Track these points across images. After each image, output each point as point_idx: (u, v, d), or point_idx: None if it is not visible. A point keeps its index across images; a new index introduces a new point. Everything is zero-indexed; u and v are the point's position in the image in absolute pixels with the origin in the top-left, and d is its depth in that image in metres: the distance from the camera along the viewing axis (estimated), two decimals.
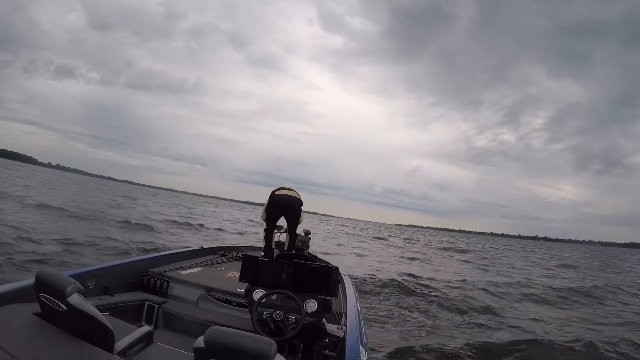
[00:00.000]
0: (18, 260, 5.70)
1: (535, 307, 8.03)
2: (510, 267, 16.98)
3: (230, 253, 4.49)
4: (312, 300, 2.47)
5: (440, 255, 20.36)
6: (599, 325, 6.71)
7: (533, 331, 5.82)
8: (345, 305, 3.01)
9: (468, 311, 6.77)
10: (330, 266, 2.68)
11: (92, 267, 2.82)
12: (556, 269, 17.87)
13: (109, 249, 7.94)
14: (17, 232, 7.81)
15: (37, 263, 5.74)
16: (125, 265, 3.13)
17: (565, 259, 26.57)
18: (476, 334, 5.55)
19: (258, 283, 2.61)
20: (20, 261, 5.70)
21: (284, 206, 4.73)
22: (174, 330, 2.64)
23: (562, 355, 4.75)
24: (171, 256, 3.77)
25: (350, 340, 2.13)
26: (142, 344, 1.76)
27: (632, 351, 5.12)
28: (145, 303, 2.75)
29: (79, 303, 1.45)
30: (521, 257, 25.52)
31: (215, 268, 3.83)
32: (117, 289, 2.80)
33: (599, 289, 10.70)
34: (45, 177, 50.01)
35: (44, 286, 1.51)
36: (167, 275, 3.20)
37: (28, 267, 5.42)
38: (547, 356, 4.68)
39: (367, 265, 11.79)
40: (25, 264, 5.62)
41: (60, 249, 7.07)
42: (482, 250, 29.95)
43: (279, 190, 4.64)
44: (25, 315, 1.58)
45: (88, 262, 6.19)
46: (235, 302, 2.96)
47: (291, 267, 2.60)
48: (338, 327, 2.59)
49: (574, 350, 4.89)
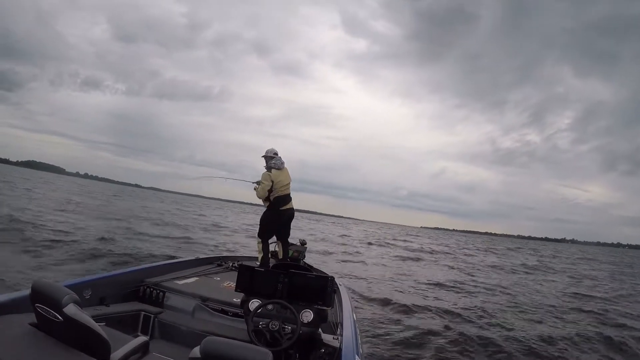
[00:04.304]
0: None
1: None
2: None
3: (226, 263, 4.48)
4: (308, 310, 2.48)
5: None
6: None
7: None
8: (341, 315, 3.02)
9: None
10: (326, 276, 2.70)
11: (88, 278, 2.81)
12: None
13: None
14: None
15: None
16: (121, 275, 3.12)
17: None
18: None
19: (254, 293, 2.62)
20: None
21: (287, 220, 4.78)
22: (169, 341, 2.63)
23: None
24: (167, 266, 3.76)
25: (346, 351, 2.14)
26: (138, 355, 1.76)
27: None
28: (141, 313, 2.74)
29: (75, 313, 1.45)
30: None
31: (211, 278, 3.82)
32: (113, 299, 2.79)
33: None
34: (111, 189, 51.17)
35: (40, 296, 1.51)
36: (163, 285, 3.20)
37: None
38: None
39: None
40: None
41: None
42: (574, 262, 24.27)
43: (286, 205, 4.68)
44: (21, 325, 1.58)
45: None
46: (231, 312, 2.96)
47: (287, 277, 2.61)
48: (334, 337, 2.59)
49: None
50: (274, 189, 4.53)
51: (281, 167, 4.66)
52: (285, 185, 4.65)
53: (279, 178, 4.57)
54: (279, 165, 4.63)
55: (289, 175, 4.74)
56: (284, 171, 4.69)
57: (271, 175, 4.52)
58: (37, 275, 5.64)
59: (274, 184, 4.51)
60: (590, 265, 24.55)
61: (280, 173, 4.61)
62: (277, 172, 4.57)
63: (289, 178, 4.74)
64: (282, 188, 4.61)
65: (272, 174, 4.54)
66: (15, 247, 7.58)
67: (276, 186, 4.53)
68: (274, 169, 4.59)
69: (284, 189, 4.63)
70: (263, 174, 4.60)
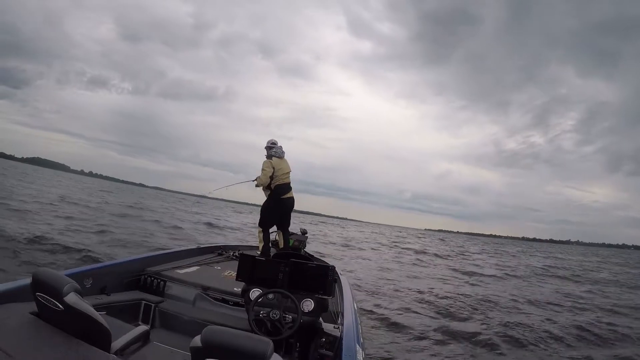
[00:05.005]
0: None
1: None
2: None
3: (227, 252, 4.49)
4: (308, 300, 2.48)
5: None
6: None
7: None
8: (342, 305, 3.03)
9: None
10: (327, 265, 2.69)
11: (89, 267, 2.82)
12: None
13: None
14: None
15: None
16: (121, 264, 3.13)
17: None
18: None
19: (255, 282, 2.62)
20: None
21: (289, 208, 4.84)
22: (170, 330, 2.64)
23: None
24: (168, 255, 3.76)
25: (347, 340, 2.15)
26: (138, 344, 1.76)
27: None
28: (142, 302, 2.76)
29: (76, 302, 1.45)
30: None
31: (212, 267, 3.83)
32: (113, 288, 2.80)
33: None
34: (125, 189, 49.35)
35: (41, 285, 1.50)
36: (163, 274, 3.20)
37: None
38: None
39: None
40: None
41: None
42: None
43: (286, 194, 4.73)
44: (22, 314, 1.58)
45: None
46: (232, 302, 2.97)
47: (288, 267, 2.60)
48: (335, 327, 2.60)
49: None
50: (275, 176, 4.59)
51: (282, 155, 4.71)
52: (285, 174, 4.69)
53: (280, 165, 4.63)
54: (279, 153, 4.69)
55: (289, 165, 4.78)
56: (285, 160, 4.74)
57: (272, 162, 4.57)
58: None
59: (275, 170, 4.57)
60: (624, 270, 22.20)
61: (281, 161, 4.67)
62: (277, 160, 4.63)
63: (289, 167, 4.78)
64: (283, 176, 4.65)
65: (273, 161, 4.59)
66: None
67: (277, 173, 4.59)
68: (275, 157, 4.64)
69: (284, 177, 4.67)
70: (264, 161, 4.63)
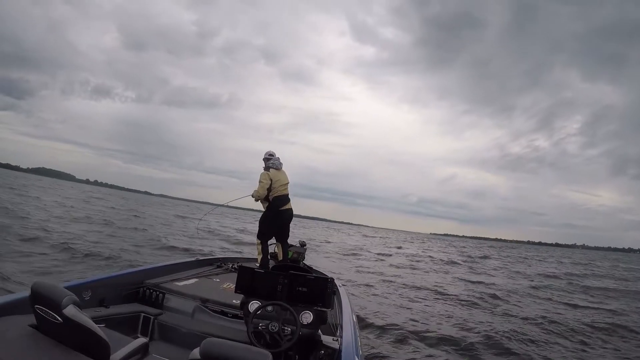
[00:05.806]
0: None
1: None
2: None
3: (225, 264, 4.48)
4: (307, 312, 2.48)
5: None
6: None
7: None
8: (340, 317, 3.02)
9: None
10: (326, 277, 2.69)
11: (88, 279, 2.81)
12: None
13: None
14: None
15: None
16: (120, 276, 3.12)
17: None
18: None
19: (254, 294, 2.61)
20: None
21: (287, 220, 4.82)
22: (169, 342, 2.62)
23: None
24: (167, 268, 3.75)
25: (346, 352, 2.14)
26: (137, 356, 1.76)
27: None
28: (141, 315, 2.74)
29: (75, 315, 1.45)
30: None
31: (211, 279, 3.82)
32: (112, 300, 2.79)
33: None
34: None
35: (40, 298, 1.51)
36: (162, 286, 3.20)
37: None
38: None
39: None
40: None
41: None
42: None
43: (285, 205, 4.72)
44: (21, 327, 1.58)
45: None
46: (231, 314, 2.96)
47: (287, 279, 2.61)
48: (334, 339, 2.58)
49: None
50: (272, 187, 4.58)
51: (279, 167, 4.72)
52: (283, 185, 4.68)
53: (278, 177, 4.62)
54: (277, 165, 4.70)
55: (287, 176, 4.78)
56: (282, 171, 4.75)
57: (269, 174, 4.58)
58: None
59: (272, 182, 4.56)
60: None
61: (279, 173, 4.68)
62: (275, 172, 4.64)
63: (287, 179, 4.78)
64: (281, 188, 4.64)
65: (270, 173, 4.60)
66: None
67: (275, 185, 4.58)
68: (272, 168, 4.66)
69: (282, 189, 4.66)
70: (262, 173, 4.64)
